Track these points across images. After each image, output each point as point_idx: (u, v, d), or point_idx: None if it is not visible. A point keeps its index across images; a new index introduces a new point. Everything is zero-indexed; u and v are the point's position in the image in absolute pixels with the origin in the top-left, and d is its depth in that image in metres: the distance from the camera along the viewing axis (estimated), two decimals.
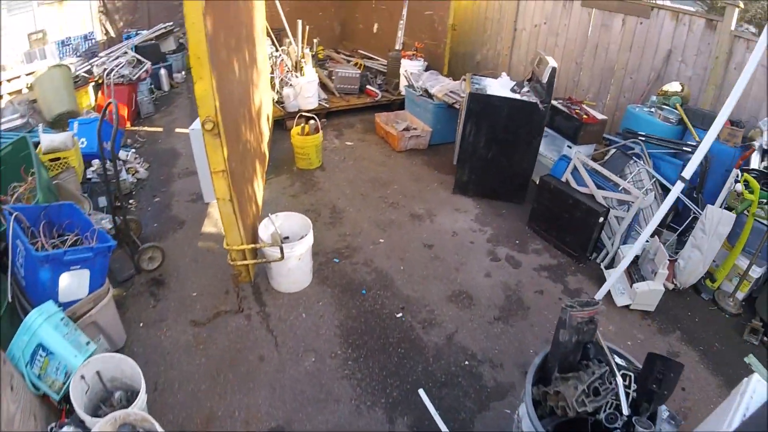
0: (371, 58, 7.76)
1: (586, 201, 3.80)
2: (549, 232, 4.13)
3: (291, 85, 5.78)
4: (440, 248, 3.95)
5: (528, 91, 4.29)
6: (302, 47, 5.92)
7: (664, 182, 4.07)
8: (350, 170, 5.08)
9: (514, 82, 4.69)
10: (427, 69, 6.69)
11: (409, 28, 6.94)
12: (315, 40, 7.29)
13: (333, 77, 6.55)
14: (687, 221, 4.02)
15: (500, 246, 4.04)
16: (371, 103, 6.52)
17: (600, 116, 4.62)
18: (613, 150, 4.59)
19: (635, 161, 4.29)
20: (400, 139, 5.48)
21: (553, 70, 3.92)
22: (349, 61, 7.59)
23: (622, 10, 4.89)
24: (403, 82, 6.39)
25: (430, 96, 5.64)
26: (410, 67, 6.44)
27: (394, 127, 5.72)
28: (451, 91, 5.49)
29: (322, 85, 6.64)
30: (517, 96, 4.24)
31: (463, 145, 4.43)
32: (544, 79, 4.01)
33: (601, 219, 3.76)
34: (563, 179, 4.28)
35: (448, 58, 6.62)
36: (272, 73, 5.88)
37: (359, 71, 6.58)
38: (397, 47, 6.84)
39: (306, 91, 5.83)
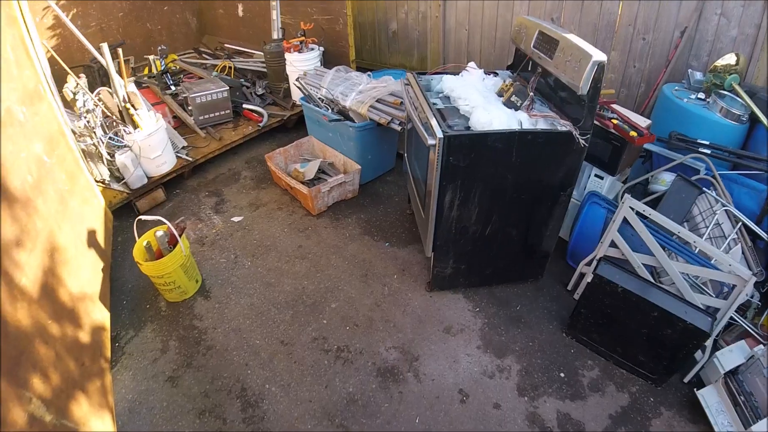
0: (244, 53, 5.45)
1: (680, 315, 2.14)
2: (604, 342, 2.47)
3: (125, 147, 3.51)
4: None
5: (517, 96, 2.46)
6: (124, 83, 3.57)
7: (752, 225, 2.55)
8: (251, 283, 3.02)
9: (491, 75, 2.87)
10: (325, 61, 4.60)
11: (288, 3, 4.72)
12: (160, 49, 4.87)
13: (189, 106, 4.29)
14: None
15: (541, 396, 2.33)
16: (256, 132, 4.37)
17: (642, 121, 2.88)
18: (668, 177, 2.93)
19: (705, 194, 2.69)
20: (315, 200, 3.50)
21: (600, 67, 2.04)
22: (211, 68, 5.25)
23: None
24: (297, 92, 4.28)
25: (345, 117, 3.63)
26: (301, 65, 4.30)
27: (300, 175, 3.69)
28: (378, 100, 3.52)
29: (180, 122, 4.38)
30: (538, 125, 2.36)
31: (441, 225, 2.53)
32: (571, 76, 2.15)
33: (706, 342, 2.21)
34: (605, 243, 2.60)
35: (353, 37, 4.54)
36: (91, 137, 3.54)
37: (226, 87, 4.32)
38: (275, 36, 4.62)
39: (150, 149, 3.57)
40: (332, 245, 3.31)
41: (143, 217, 2.81)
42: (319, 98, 3.81)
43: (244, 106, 4.45)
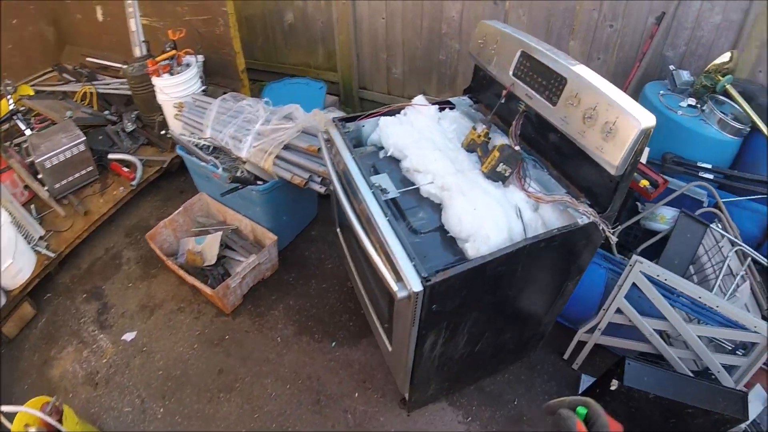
0: (110, 68, 4.18)
1: (715, 408, 1.80)
2: None
3: None
4: None
5: (506, 163, 1.70)
6: None
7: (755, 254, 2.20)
8: None
9: (446, 108, 2.12)
10: (209, 73, 3.53)
11: (152, 2, 3.53)
12: (5, 85, 3.57)
13: (38, 171, 3.12)
14: None
15: None
16: (130, 193, 3.27)
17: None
18: (668, 213, 2.32)
19: (710, 229, 2.17)
20: (225, 299, 2.60)
21: (647, 135, 1.37)
22: (71, 95, 3.97)
23: None
24: (177, 130, 3.20)
25: (240, 179, 2.66)
26: (173, 91, 3.20)
27: (197, 259, 2.75)
28: (286, 146, 2.58)
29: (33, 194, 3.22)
30: (542, 210, 1.66)
31: (421, 366, 1.78)
32: (596, 146, 1.46)
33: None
34: (610, 311, 2.04)
35: (239, 42, 3.44)
36: None
37: (82, 138, 3.14)
38: (137, 52, 3.45)
39: None
40: (262, 360, 2.49)
41: (4, 408, 1.84)
42: (204, 146, 2.81)
43: (110, 156, 3.34)
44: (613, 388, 1.92)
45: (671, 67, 2.55)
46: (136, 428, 2.28)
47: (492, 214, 1.55)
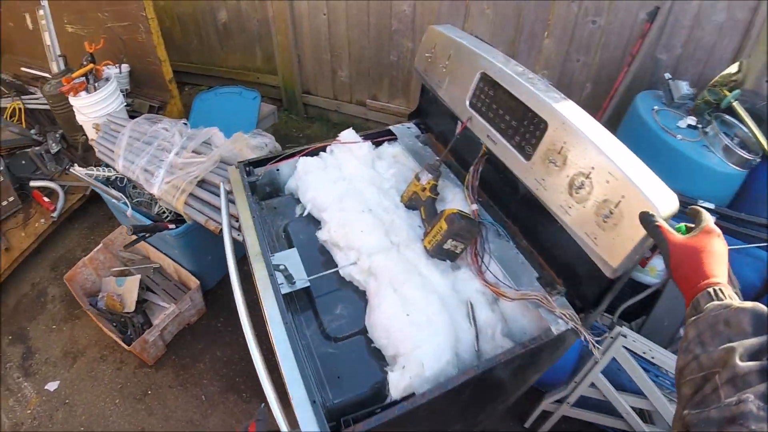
0: (41, 80, 3.85)
1: None
2: None
3: None
4: None
5: (458, 238, 1.31)
6: None
7: None
8: None
9: (385, 143, 1.78)
10: (136, 83, 3.21)
11: (71, 9, 3.18)
12: None
13: None
14: None
15: None
16: (51, 225, 2.99)
17: None
18: (660, 264, 2.00)
19: None
20: (144, 353, 2.37)
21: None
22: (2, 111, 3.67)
23: None
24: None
25: (145, 228, 2.36)
26: (91, 111, 2.88)
27: (116, 305, 2.52)
28: (201, 182, 2.29)
29: None
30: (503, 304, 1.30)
31: None
32: (586, 231, 1.06)
33: None
34: (583, 385, 1.84)
35: (163, 48, 3.09)
36: None
37: (0, 165, 2.88)
38: (54, 68, 3.13)
39: None
40: (186, 420, 2.30)
41: None
42: (118, 177, 2.54)
43: (32, 184, 3.07)
44: None
45: (667, 75, 2.17)
46: None
47: (432, 326, 1.17)
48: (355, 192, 1.55)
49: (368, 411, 1.06)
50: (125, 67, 3.16)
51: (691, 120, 2.04)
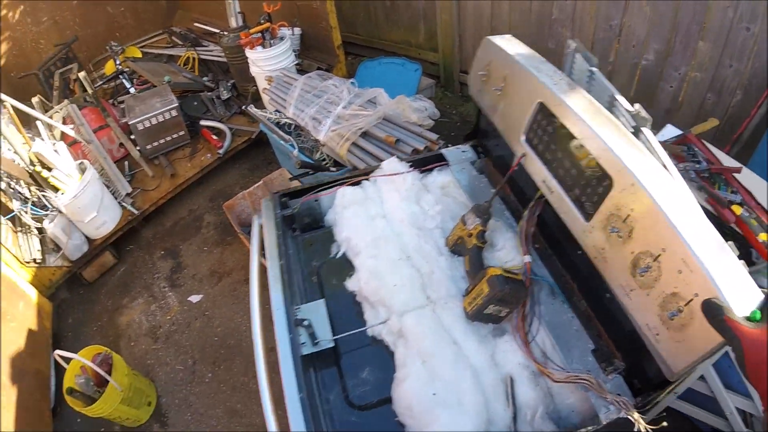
0: (215, 35, 4.32)
1: None
2: None
3: (54, 213, 2.72)
4: None
5: (500, 303, 1.14)
6: (26, 141, 2.65)
7: None
8: (213, 409, 2.28)
9: (435, 170, 1.62)
10: (305, 47, 3.50)
11: None
12: (111, 47, 3.84)
13: (132, 131, 3.32)
14: None
15: None
16: (216, 160, 3.36)
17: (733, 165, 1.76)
18: None
19: None
20: None
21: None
22: (175, 59, 4.18)
23: None
24: (268, 106, 3.23)
25: (310, 165, 2.58)
26: (266, 64, 3.20)
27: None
28: (364, 133, 2.47)
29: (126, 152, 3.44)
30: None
31: None
32: (657, 334, 0.89)
33: None
34: (693, 373, 1.72)
35: (335, 16, 3.34)
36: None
37: (175, 103, 3.27)
38: (232, 23, 3.50)
39: (82, 212, 2.74)
40: None
41: (59, 353, 2.01)
42: (286, 123, 2.80)
43: (202, 123, 3.46)
44: None
45: None
46: (184, 387, 2.39)
47: (461, 408, 1.03)
48: (394, 235, 1.39)
49: None
50: (297, 30, 3.47)
51: None
